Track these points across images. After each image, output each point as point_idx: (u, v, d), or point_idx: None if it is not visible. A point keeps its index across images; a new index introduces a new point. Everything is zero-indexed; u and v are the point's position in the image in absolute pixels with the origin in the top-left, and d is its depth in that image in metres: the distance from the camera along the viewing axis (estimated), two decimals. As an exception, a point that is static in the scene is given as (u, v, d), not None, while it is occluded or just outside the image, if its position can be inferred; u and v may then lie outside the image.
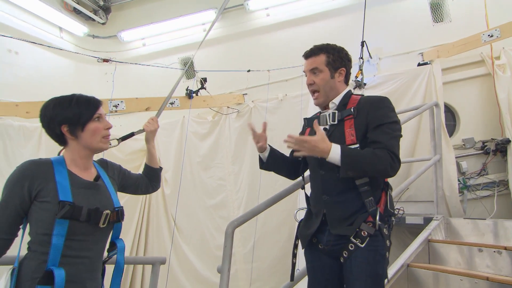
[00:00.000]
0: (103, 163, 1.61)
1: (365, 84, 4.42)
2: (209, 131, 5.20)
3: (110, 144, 1.53)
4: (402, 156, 4.29)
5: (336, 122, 1.61)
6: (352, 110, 1.59)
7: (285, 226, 4.52)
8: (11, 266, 1.34)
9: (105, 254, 1.52)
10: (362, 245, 1.49)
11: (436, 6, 4.48)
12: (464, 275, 2.35)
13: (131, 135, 1.96)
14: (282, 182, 1.93)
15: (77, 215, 1.30)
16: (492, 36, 3.76)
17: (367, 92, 4.39)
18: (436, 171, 3.34)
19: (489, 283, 2.21)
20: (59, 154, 1.47)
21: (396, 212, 1.68)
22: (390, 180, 4.46)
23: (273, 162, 1.82)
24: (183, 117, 5.16)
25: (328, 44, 1.71)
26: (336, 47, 1.71)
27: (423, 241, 2.84)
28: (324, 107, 1.74)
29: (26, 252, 1.35)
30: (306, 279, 1.83)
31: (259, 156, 1.84)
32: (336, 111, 1.63)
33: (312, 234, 1.65)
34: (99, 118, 1.46)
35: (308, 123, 1.79)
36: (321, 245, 1.64)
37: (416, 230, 3.27)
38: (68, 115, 1.40)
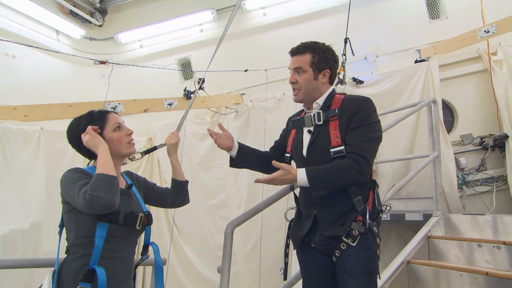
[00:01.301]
0: (129, 174, 1.72)
1: (362, 82, 4.43)
2: (208, 131, 5.19)
3: (135, 151, 1.62)
4: (401, 153, 4.29)
5: (321, 123, 1.62)
6: (336, 111, 1.60)
7: (286, 225, 4.51)
8: (51, 269, 1.42)
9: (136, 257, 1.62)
10: (354, 244, 1.52)
11: (432, 2, 4.48)
12: (464, 270, 2.36)
13: (154, 149, 2.02)
14: (281, 181, 1.92)
15: (115, 219, 1.41)
16: (488, 32, 3.77)
17: (365, 90, 4.40)
18: (435, 167, 3.35)
19: (488, 278, 2.22)
20: (88, 165, 1.56)
21: (383, 209, 1.70)
22: (389, 177, 4.45)
23: (242, 158, 1.85)
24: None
25: (315, 43, 1.68)
26: (323, 47, 1.67)
27: (423, 237, 2.85)
28: (308, 107, 1.74)
29: (66, 256, 1.43)
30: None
31: (229, 156, 1.86)
32: (321, 111, 1.63)
33: (304, 235, 1.68)
34: (119, 128, 1.55)
35: (293, 125, 1.79)
36: (314, 244, 1.67)
37: (416, 227, 3.28)
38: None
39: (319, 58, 1.64)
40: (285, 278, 1.89)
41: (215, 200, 5.05)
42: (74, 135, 1.52)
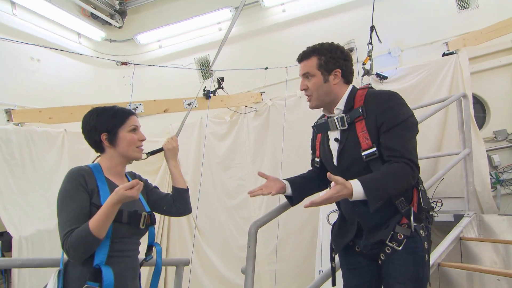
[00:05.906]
0: (132, 175, 1.71)
1: (386, 77, 4.28)
2: (228, 131, 5.17)
3: (141, 157, 1.63)
4: (428, 151, 4.12)
5: (346, 127, 1.52)
6: (360, 110, 1.48)
7: (308, 226, 4.43)
8: (57, 268, 1.42)
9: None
10: (399, 248, 1.43)
11: (461, -8, 4.29)
12: (503, 275, 2.19)
13: (160, 150, 1.96)
14: (304, 182, 1.85)
15: (119, 217, 1.39)
16: (524, 20, 3.55)
17: (389, 85, 4.24)
18: (466, 165, 3.17)
19: (531, 284, 2.06)
20: (93, 162, 1.57)
21: (434, 206, 1.59)
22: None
23: (301, 192, 1.72)
24: (201, 118, 5.15)
25: (321, 45, 1.59)
26: (329, 47, 1.57)
27: (455, 239, 2.69)
28: (329, 110, 1.63)
29: None
30: (330, 281, 1.79)
31: (285, 196, 1.73)
32: (344, 115, 1.52)
33: (348, 242, 1.61)
34: (135, 130, 1.57)
35: (318, 130, 1.69)
36: (358, 248, 1.60)
37: (445, 228, 3.13)
38: (107, 124, 1.52)
39: (325, 59, 1.55)
40: (333, 284, 1.78)
41: (235, 201, 5.02)
42: (91, 123, 1.52)
